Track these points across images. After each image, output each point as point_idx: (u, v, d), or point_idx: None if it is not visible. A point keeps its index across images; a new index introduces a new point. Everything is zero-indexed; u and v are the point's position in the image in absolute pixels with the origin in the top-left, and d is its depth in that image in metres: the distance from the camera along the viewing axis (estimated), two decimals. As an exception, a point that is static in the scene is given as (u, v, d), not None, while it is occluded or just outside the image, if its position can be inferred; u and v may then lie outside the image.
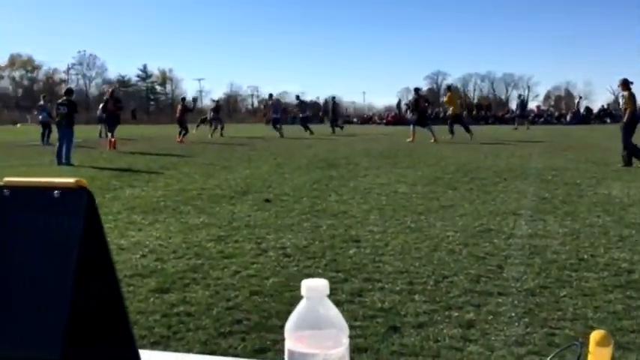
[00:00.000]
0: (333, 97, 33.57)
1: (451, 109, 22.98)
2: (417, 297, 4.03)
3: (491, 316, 3.65)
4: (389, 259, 5.04)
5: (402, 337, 3.33)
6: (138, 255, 5.22)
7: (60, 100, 15.31)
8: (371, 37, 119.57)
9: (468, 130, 21.38)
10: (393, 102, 57.55)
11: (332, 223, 6.57)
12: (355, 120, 54.95)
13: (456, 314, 3.69)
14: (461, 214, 6.96)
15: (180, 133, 22.26)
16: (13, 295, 0.86)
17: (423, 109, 22.45)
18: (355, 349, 3.15)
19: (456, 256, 5.08)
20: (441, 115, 48.53)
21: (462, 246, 5.43)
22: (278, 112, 27.21)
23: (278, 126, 26.04)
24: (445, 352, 3.14)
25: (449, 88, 24.42)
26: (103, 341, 0.94)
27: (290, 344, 0.80)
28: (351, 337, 2.86)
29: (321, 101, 60.69)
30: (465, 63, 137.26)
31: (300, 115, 30.63)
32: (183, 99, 25.72)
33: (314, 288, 0.82)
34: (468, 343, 3.25)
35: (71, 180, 0.91)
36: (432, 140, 20.28)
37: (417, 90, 22.83)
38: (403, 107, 54.22)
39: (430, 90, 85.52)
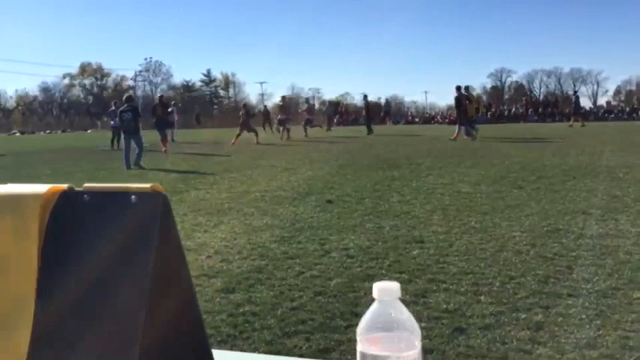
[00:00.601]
0: (365, 96, 33.07)
1: (468, 110, 22.57)
2: (483, 298, 3.97)
3: (561, 318, 3.55)
4: (453, 259, 4.97)
5: (469, 339, 3.28)
6: (204, 256, 5.34)
7: (122, 108, 15.67)
8: (432, 35, 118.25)
9: (468, 134, 21.53)
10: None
11: (395, 223, 6.54)
12: (417, 120, 54.50)
13: (524, 316, 3.61)
14: (527, 214, 6.80)
15: (237, 136, 22.68)
16: (91, 297, 0.90)
17: (466, 107, 22.18)
18: (422, 351, 3.12)
19: (522, 257, 4.97)
20: (505, 113, 47.55)
21: (529, 246, 5.31)
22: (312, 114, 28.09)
23: (308, 127, 26.68)
24: (513, 354, 3.08)
25: (467, 89, 24.00)
26: (178, 343, 0.96)
27: (362, 346, 0.80)
28: (417, 338, 2.78)
29: (382, 102, 60.42)
30: (530, 59, 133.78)
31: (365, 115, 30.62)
32: (245, 105, 26.29)
33: (386, 290, 0.81)
34: (536, 345, 3.17)
35: (147, 185, 0.94)
36: (453, 137, 20.73)
37: (458, 88, 22.47)
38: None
39: (494, 88, 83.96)
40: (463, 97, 22.03)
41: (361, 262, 5.00)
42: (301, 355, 3.08)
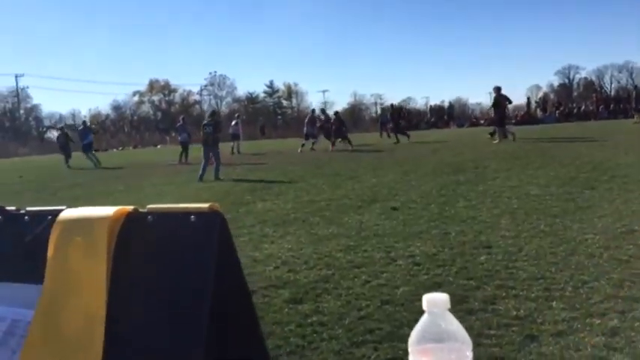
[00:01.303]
0: (392, 105, 31.72)
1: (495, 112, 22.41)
2: (554, 304, 3.87)
3: (638, 323, 3.42)
4: (523, 264, 4.87)
5: (540, 346, 3.21)
6: (271, 267, 5.42)
7: (205, 122, 16.31)
8: (496, 34, 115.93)
9: (492, 134, 21.63)
10: (522, 101, 55.36)
11: (461, 229, 6.45)
12: (482, 122, 53.51)
13: (598, 322, 3.50)
14: (600, 216, 6.57)
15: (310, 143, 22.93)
16: (156, 313, 0.94)
17: (504, 108, 21.87)
18: (492, 359, 3.08)
19: (595, 260, 4.81)
20: (575, 111, 46.08)
21: (603, 249, 5.13)
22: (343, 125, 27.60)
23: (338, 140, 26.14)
24: (587, 362, 2.99)
25: (498, 89, 23.31)
26: (238, 357, 1.00)
27: (413, 358, 0.82)
28: (485, 345, 2.81)
29: (446, 105, 59.69)
30: (600, 54, 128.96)
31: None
32: (313, 110, 26.64)
33: (435, 302, 0.83)
34: (612, 352, 3.07)
35: (205, 205, 0.98)
36: (497, 141, 20.36)
37: (498, 89, 21.92)
38: (533, 105, 52.19)
39: (562, 85, 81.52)
40: (503, 98, 21.66)
41: (428, 269, 4.97)
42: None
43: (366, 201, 9.07)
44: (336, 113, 27.34)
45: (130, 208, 1.03)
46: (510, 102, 22.92)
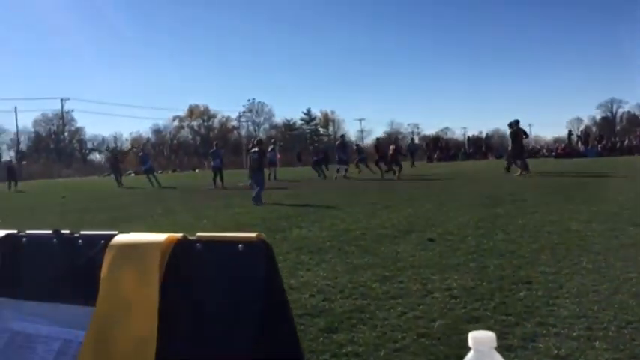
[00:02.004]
0: (377, 139, 31.12)
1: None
2: (597, 344, 3.76)
3: (685, 368, 3.31)
4: (564, 302, 4.76)
5: (581, 387, 3.13)
6: (307, 295, 5.41)
7: (253, 149, 17.15)
8: (536, 66, 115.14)
9: (508, 168, 21.78)
10: (563, 133, 54.60)
11: (500, 262, 6.35)
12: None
13: (643, 364, 3.39)
14: (644, 253, 6.40)
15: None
16: (204, 338, 0.96)
17: (521, 141, 21.90)
18: (529, 398, 3.01)
19: (640, 300, 4.68)
20: (617, 145, 45.26)
21: (647, 288, 4.99)
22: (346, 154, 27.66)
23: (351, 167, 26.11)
24: (631, 405, 2.90)
25: (516, 124, 23.08)
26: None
27: (460, 395, 0.81)
28: (524, 385, 2.71)
29: (484, 136, 59.22)
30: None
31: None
32: (343, 136, 26.98)
33: (482, 340, 0.83)
34: (657, 396, 2.97)
35: (253, 234, 1.00)
36: (518, 174, 20.35)
37: (517, 122, 21.91)
38: (574, 138, 51.45)
39: (604, 119, 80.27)
40: (520, 131, 21.73)
41: (465, 302, 4.89)
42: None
43: (402, 231, 9.01)
44: (395, 141, 27.80)
45: (179, 235, 1.05)
46: (527, 136, 23.14)
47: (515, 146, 21.69)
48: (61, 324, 1.04)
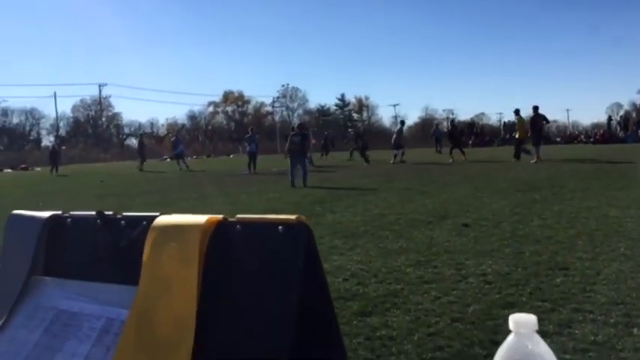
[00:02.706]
0: (452, 120, 32.13)
1: (517, 134, 22.68)
2: (635, 331, 3.70)
3: None
4: (601, 288, 4.69)
5: (619, 375, 3.09)
6: (340, 279, 5.43)
7: (294, 132, 17.81)
8: (574, 49, 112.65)
9: (517, 156, 21.79)
10: (602, 119, 53.46)
11: (535, 248, 6.28)
12: (558, 139, 51.95)
13: (683, 352, 3.33)
14: (686, 240, 6.26)
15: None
16: (243, 319, 0.97)
17: (541, 127, 21.82)
18: (566, 384, 2.99)
19: (680, 287, 4.58)
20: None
21: (688, 276, 4.89)
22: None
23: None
24: (671, 393, 2.85)
25: (517, 112, 23.41)
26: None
27: (499, 378, 0.81)
28: (561, 371, 2.68)
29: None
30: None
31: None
32: (402, 122, 27.54)
33: (523, 323, 0.82)
34: (698, 385, 2.92)
35: (293, 217, 1.01)
36: (534, 160, 20.42)
37: (536, 108, 21.78)
38: (613, 124, 50.29)
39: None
40: (540, 117, 21.48)
41: (500, 288, 4.86)
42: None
43: (437, 216, 8.96)
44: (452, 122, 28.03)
45: (220, 216, 1.07)
46: (548, 122, 22.97)
47: (535, 132, 21.53)
48: (104, 303, 1.06)
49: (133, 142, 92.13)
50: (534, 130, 21.54)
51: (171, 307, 0.99)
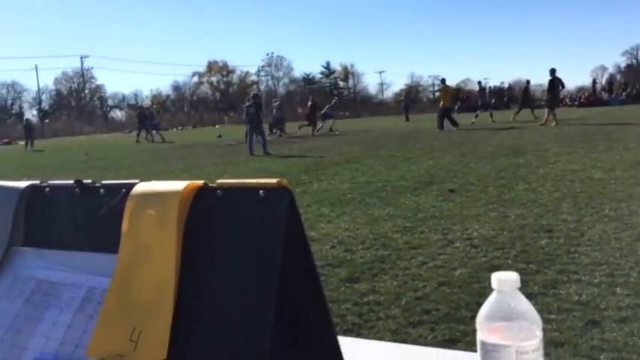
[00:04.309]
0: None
1: (442, 102, 22.77)
2: (618, 290, 3.76)
3: None
4: (585, 249, 4.75)
5: (603, 332, 3.14)
6: (328, 246, 5.45)
7: (248, 103, 18.43)
8: (558, 13, 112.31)
9: (454, 124, 21.76)
10: (586, 82, 53.58)
11: (521, 212, 6.33)
12: (543, 103, 52.09)
13: (665, 310, 3.39)
14: (668, 201, 6.34)
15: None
16: (223, 285, 0.97)
17: (558, 91, 21.82)
18: (552, 343, 3.03)
19: (663, 247, 4.65)
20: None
21: (671, 235, 4.96)
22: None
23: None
24: (653, 350, 2.91)
25: (443, 81, 23.95)
26: (304, 331, 1.02)
27: (482, 335, 0.81)
28: (546, 330, 2.77)
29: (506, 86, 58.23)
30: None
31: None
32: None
33: (505, 281, 0.83)
34: (679, 341, 2.98)
35: (274, 180, 1.00)
36: (554, 124, 20.17)
37: (553, 71, 21.60)
38: (598, 87, 50.42)
39: (629, 66, 78.50)
40: (557, 81, 21.43)
41: (486, 252, 4.90)
42: (426, 345, 3.08)
43: (423, 183, 8.99)
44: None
45: (200, 182, 1.05)
46: (563, 87, 23.01)
47: (552, 95, 21.44)
48: (85, 272, 1.05)
49: (118, 114, 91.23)
50: (552, 93, 21.39)
51: (151, 273, 0.98)
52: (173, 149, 23.50)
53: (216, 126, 60.22)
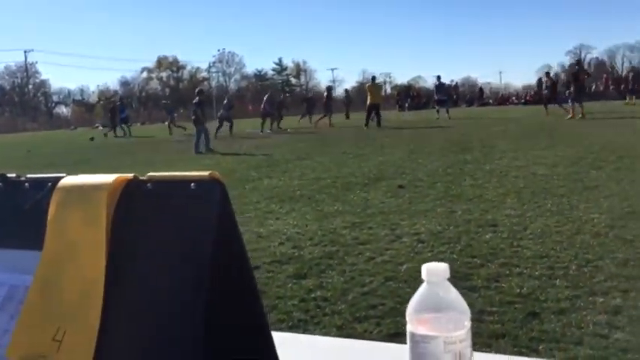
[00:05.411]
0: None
1: (369, 99, 23.10)
2: (558, 282, 3.87)
3: (642, 303, 3.42)
4: (527, 243, 4.87)
5: (542, 324, 3.22)
6: (276, 243, 5.43)
7: (196, 100, 18.20)
8: (507, 13, 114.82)
9: (379, 123, 22.38)
10: (532, 80, 54.97)
11: (467, 207, 6.45)
12: (491, 101, 53.17)
13: (601, 300, 3.50)
14: (606, 195, 6.55)
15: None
16: (154, 280, 0.94)
17: (582, 82, 21.28)
18: (493, 335, 3.09)
19: (601, 240, 4.80)
20: (585, 90, 45.73)
21: (608, 229, 5.12)
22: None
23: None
24: (589, 339, 3.00)
25: (373, 79, 24.79)
26: (238, 327, 1.00)
27: (411, 327, 0.82)
28: (488, 322, 2.83)
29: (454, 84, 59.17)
30: (611, 34, 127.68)
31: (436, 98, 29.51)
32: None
33: (434, 271, 0.83)
34: (614, 330, 3.08)
35: (206, 173, 0.98)
36: (580, 116, 19.77)
37: (577, 62, 21.86)
38: (543, 85, 51.68)
39: (572, 66, 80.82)
40: (583, 71, 21.30)
41: (432, 246, 4.97)
42: (371, 340, 3.10)
43: (373, 179, 9.06)
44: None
45: (130, 175, 1.02)
46: (589, 75, 22.47)
47: (577, 87, 20.58)
48: (7, 269, 1.01)
49: (63, 110, 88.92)
50: (577, 85, 20.53)
51: (78, 271, 0.95)
52: (122, 145, 23.04)
53: (166, 122, 59.25)
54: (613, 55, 79.76)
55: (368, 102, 23.25)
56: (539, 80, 53.33)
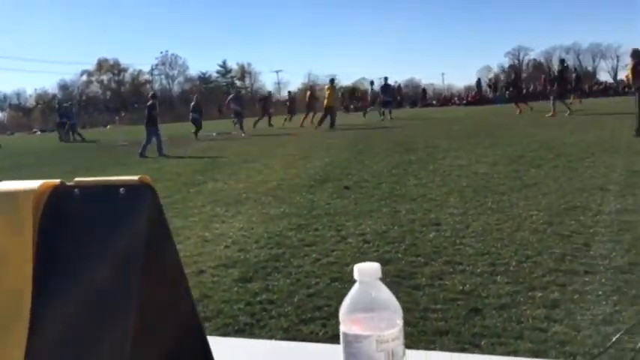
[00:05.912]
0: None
1: (326, 101, 23.91)
2: (499, 278, 3.96)
3: (577, 296, 3.54)
4: (470, 241, 4.97)
5: (484, 319, 3.29)
6: (222, 246, 5.38)
7: (150, 103, 17.56)
8: (447, 15, 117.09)
9: (332, 124, 22.79)
10: (473, 81, 56.22)
11: (411, 207, 6.53)
12: (434, 102, 54.11)
13: (540, 294, 3.60)
14: (545, 193, 6.75)
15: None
16: (84, 288, 0.92)
17: (567, 81, 22.07)
18: (437, 332, 3.14)
19: (539, 236, 4.94)
20: (524, 91, 47.00)
21: (547, 225, 5.28)
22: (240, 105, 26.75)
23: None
24: (528, 333, 3.08)
25: (331, 81, 25.41)
26: (172, 332, 0.98)
27: (344, 327, 0.82)
28: (431, 319, 2.87)
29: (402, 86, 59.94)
30: (548, 36, 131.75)
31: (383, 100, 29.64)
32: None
33: (366, 271, 0.84)
34: (552, 323, 3.17)
35: (135, 177, 0.96)
36: (568, 113, 20.17)
37: (562, 61, 22.55)
38: (484, 86, 52.92)
39: (512, 67, 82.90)
40: (569, 71, 22.00)
41: (378, 246, 5.02)
42: (317, 341, 3.10)
43: (318, 180, 9.08)
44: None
45: (57, 181, 1.00)
46: (578, 76, 23.09)
47: (560, 86, 21.15)
48: None
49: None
50: (561, 84, 21.08)
51: (4, 281, 0.92)
52: (63, 150, 22.41)
53: (107, 127, 58.05)
54: (550, 56, 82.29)
55: (325, 104, 23.59)
56: (479, 81, 54.72)
